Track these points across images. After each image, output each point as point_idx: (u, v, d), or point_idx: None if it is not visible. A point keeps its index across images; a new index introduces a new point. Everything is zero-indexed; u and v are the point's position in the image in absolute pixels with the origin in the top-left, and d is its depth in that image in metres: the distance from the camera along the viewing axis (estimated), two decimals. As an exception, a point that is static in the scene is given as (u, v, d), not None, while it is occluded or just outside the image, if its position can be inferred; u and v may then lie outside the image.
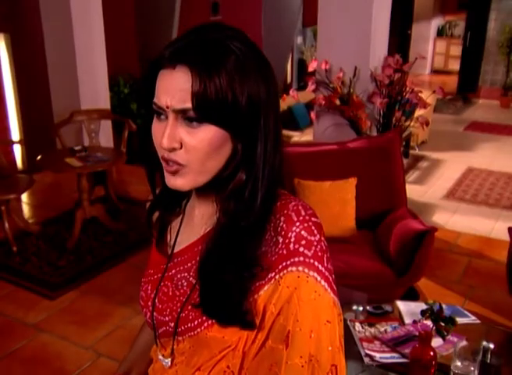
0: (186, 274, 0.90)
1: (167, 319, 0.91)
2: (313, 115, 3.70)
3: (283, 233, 0.80)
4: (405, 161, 6.61)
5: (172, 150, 0.79)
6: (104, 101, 4.98)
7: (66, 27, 4.53)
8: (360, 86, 3.50)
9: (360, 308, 2.16)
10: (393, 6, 10.36)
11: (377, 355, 1.93)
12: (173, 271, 0.92)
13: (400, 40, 11.09)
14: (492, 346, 1.95)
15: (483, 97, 9.53)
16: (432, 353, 1.81)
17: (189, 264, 0.90)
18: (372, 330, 2.07)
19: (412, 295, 2.73)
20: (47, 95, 4.93)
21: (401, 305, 2.19)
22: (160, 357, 0.95)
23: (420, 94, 3.52)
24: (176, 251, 0.93)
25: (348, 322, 2.10)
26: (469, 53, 9.61)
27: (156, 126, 0.81)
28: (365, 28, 3.39)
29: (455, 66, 10.64)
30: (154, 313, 0.93)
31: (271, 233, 0.82)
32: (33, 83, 5.27)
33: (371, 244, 2.94)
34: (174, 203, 0.96)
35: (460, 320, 2.13)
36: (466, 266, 3.60)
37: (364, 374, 2.04)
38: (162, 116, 0.80)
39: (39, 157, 3.91)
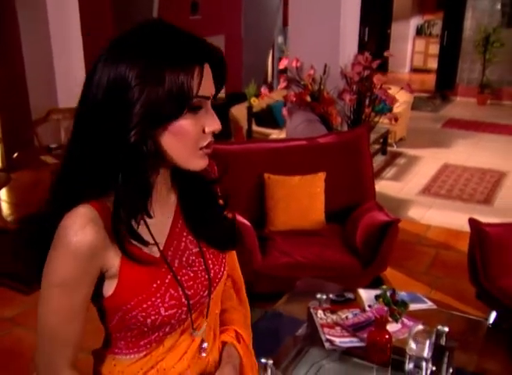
0: (188, 251, 1.03)
1: (200, 293, 1.04)
2: (285, 112, 3.78)
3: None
4: (383, 158, 6.73)
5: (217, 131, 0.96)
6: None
7: (43, 26, 4.56)
8: (331, 83, 3.59)
9: (324, 297, 2.24)
10: (373, 6, 10.48)
11: (337, 340, 2.02)
12: (176, 261, 1.01)
13: (379, 39, 11.24)
14: (446, 329, 2.05)
15: (460, 95, 9.69)
16: (387, 336, 1.89)
17: (182, 244, 1.02)
18: (334, 316, 2.15)
19: (378, 285, 2.82)
20: (24, 93, 4.96)
21: (362, 292, 2.28)
22: (196, 333, 1.06)
23: (389, 91, 3.61)
24: (162, 245, 0.99)
25: (311, 310, 2.19)
26: (446, 52, 9.77)
27: (191, 122, 0.91)
28: (334, 27, 3.47)
29: (434, 64, 10.79)
30: (191, 301, 1.01)
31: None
32: (10, 81, 5.28)
33: (339, 237, 3.03)
34: (139, 208, 0.96)
35: (418, 306, 2.23)
36: (433, 257, 3.71)
37: (328, 360, 2.13)
38: (200, 110, 0.92)
39: (15, 155, 3.95)
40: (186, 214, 1.04)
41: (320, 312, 2.16)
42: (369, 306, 2.10)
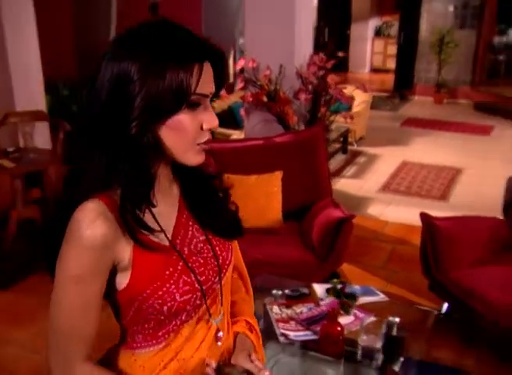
0: (195, 239, 1.08)
1: (212, 279, 1.08)
2: (242, 112, 3.82)
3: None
4: (343, 156, 6.85)
5: (214, 128, 1.00)
6: (39, 103, 4.94)
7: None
8: (287, 83, 3.65)
9: (279, 293, 2.29)
10: (332, 7, 10.62)
11: (291, 334, 2.06)
12: (186, 248, 1.06)
13: (339, 40, 11.43)
14: (397, 320, 2.11)
15: (418, 94, 9.95)
16: (339, 328, 1.95)
17: (189, 233, 1.08)
18: (289, 311, 2.20)
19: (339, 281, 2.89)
20: (-21, 97, 4.85)
21: (317, 287, 2.33)
22: (214, 320, 1.11)
23: (344, 90, 3.69)
24: (170, 234, 1.04)
25: (267, 305, 2.23)
26: (404, 52, 10.02)
27: (191, 118, 0.96)
28: (289, 28, 3.53)
29: (393, 64, 11.04)
30: (203, 287, 1.05)
31: None
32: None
33: (297, 234, 3.08)
34: (142, 199, 0.99)
35: (370, 299, 2.30)
36: (390, 252, 3.82)
37: (285, 354, 2.17)
38: (198, 107, 0.96)
39: (-30, 159, 3.87)
40: (189, 205, 1.09)
41: (275, 308, 2.21)
42: (321, 299, 2.16)
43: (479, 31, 9.32)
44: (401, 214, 4.76)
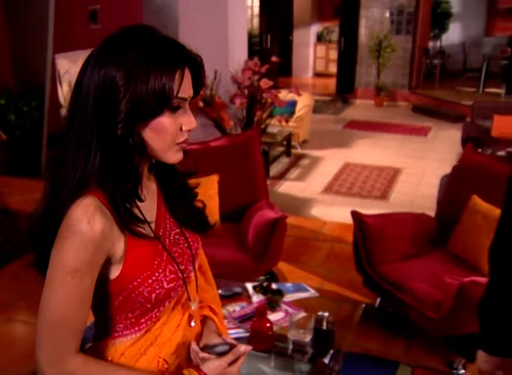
0: (173, 231, 1.16)
1: (189, 267, 1.17)
2: (179, 117, 3.85)
3: None
4: (287, 160, 6.96)
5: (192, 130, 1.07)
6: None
7: None
8: (223, 88, 3.71)
9: (213, 293, 2.33)
10: (274, 14, 10.76)
11: (223, 332, 2.10)
12: (167, 239, 1.14)
13: (282, 45, 11.63)
14: (326, 314, 2.20)
15: (360, 97, 10.23)
16: (268, 324, 2.01)
17: (168, 225, 1.16)
18: (223, 310, 2.24)
19: (272, 279, 2.96)
20: None
21: (249, 286, 2.39)
22: (192, 305, 1.19)
23: (279, 94, 3.78)
24: (153, 226, 1.11)
25: (201, 306, 2.26)
26: (344, 57, 10.29)
27: (169, 120, 1.02)
28: (223, 35, 3.60)
29: (335, 69, 11.30)
30: (184, 274, 1.14)
31: None
32: None
33: (234, 236, 3.14)
34: (132, 194, 1.06)
35: (301, 295, 2.38)
36: (328, 250, 3.92)
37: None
38: (178, 110, 1.03)
39: None
40: (167, 201, 1.18)
41: (209, 308, 2.25)
42: (250, 298, 2.22)
43: (414, 37, 9.69)
44: (343, 214, 4.85)
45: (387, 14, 9.71)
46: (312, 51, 13.05)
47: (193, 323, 1.21)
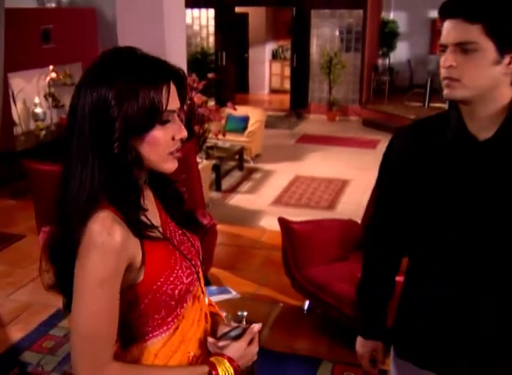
0: (177, 232, 1.25)
1: (198, 262, 1.27)
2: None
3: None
4: (240, 173, 7.15)
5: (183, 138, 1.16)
6: None
7: None
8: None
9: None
10: (229, 33, 10.99)
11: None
12: (175, 240, 1.23)
13: (238, 63, 11.90)
14: (245, 314, 2.37)
15: (313, 112, 10.56)
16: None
17: (171, 226, 1.25)
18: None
19: (206, 285, 3.12)
20: None
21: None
22: (205, 298, 1.29)
23: (213, 109, 3.97)
24: (161, 230, 1.20)
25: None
26: (297, 74, 10.62)
27: (161, 133, 1.11)
28: (160, 51, 3.76)
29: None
30: (196, 269, 1.24)
31: None
32: None
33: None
34: (136, 205, 1.14)
35: (224, 297, 2.55)
36: (265, 257, 4.12)
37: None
38: (168, 122, 1.12)
39: None
40: (165, 207, 1.26)
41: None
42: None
43: (363, 54, 10.11)
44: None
45: (337, 33, 10.11)
46: (268, 68, 13.39)
47: (208, 319, 1.31)
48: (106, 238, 1.04)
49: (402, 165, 1.47)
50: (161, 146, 1.12)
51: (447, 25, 1.28)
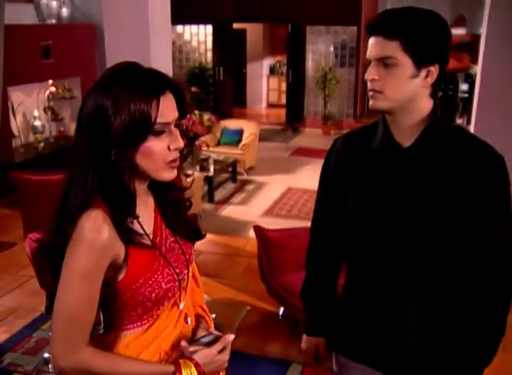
0: (168, 240, 1.31)
1: (184, 271, 1.32)
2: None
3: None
4: (233, 185, 7.28)
5: (180, 148, 1.21)
6: None
7: None
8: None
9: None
10: (227, 49, 11.17)
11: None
12: (163, 247, 1.29)
13: (236, 78, 12.12)
14: (213, 316, 2.49)
15: (309, 126, 10.71)
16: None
17: (163, 235, 1.31)
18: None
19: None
20: None
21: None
22: (181, 304, 1.33)
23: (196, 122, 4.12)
24: (151, 236, 1.27)
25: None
26: (293, 88, 10.79)
27: (158, 143, 1.17)
28: (146, 64, 3.91)
29: (287, 99, 11.79)
30: (179, 277, 1.29)
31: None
32: None
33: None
34: (127, 212, 1.21)
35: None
36: (246, 265, 4.24)
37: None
38: (163, 133, 1.17)
39: None
40: (161, 214, 1.32)
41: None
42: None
43: (357, 69, 10.29)
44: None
45: (331, 48, 10.31)
46: (265, 83, 13.59)
47: (189, 322, 1.37)
48: (95, 236, 1.13)
49: (338, 172, 1.56)
50: (156, 156, 1.17)
51: (371, 41, 1.39)
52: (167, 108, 1.17)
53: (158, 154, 1.17)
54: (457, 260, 1.40)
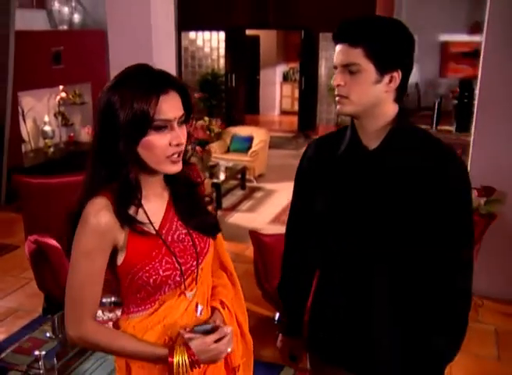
0: (178, 231, 1.37)
1: (191, 262, 1.37)
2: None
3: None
4: (241, 192, 7.27)
5: (181, 144, 1.27)
6: None
7: None
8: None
9: (105, 300, 2.61)
10: (240, 56, 11.20)
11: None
12: (170, 237, 1.36)
13: (249, 84, 12.15)
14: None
15: (321, 133, 10.59)
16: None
17: (173, 226, 1.37)
18: (110, 314, 2.53)
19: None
20: None
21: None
22: (188, 294, 1.38)
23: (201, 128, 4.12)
24: (157, 226, 1.34)
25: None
26: (306, 96, 10.76)
27: (158, 138, 1.25)
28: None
29: (300, 107, 11.75)
30: (183, 267, 1.35)
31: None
32: None
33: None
34: (130, 200, 1.31)
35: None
36: (244, 270, 4.19)
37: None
38: (165, 129, 1.25)
39: None
40: (176, 207, 1.39)
41: (99, 312, 2.52)
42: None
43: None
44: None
45: (344, 55, 10.25)
46: (279, 90, 13.56)
47: (199, 313, 1.40)
48: (93, 219, 1.25)
49: (308, 175, 1.59)
50: (157, 150, 1.25)
51: (337, 48, 1.43)
52: (168, 106, 1.24)
53: (159, 148, 1.25)
54: (420, 262, 1.41)
